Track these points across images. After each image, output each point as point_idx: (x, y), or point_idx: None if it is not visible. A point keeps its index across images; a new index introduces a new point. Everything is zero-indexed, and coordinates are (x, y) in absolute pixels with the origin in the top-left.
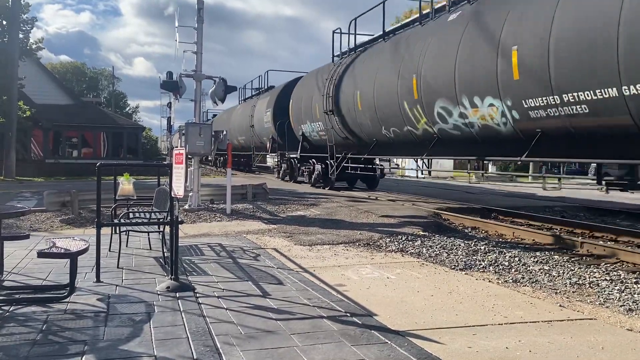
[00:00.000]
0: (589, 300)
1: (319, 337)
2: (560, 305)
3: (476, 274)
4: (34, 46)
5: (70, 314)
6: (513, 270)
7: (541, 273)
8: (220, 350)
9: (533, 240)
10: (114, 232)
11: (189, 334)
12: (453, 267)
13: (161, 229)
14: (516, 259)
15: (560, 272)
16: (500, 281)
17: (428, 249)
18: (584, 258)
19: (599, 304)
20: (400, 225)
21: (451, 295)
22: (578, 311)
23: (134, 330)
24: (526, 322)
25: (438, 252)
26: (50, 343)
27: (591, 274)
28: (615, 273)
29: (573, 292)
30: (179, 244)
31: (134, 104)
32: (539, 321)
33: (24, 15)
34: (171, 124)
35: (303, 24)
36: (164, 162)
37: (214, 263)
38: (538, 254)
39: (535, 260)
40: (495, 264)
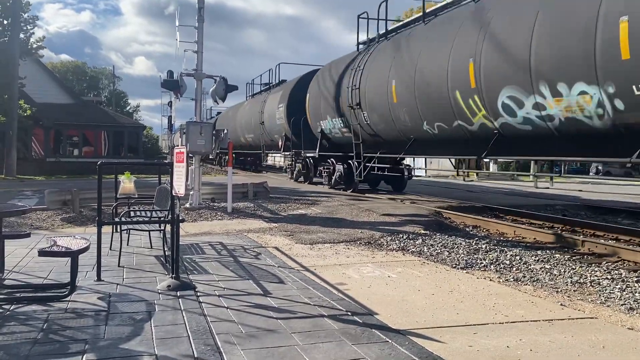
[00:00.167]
0: (590, 299)
1: (320, 336)
2: (561, 304)
3: (477, 273)
4: (35, 45)
5: (71, 313)
6: (514, 269)
7: (542, 272)
8: (221, 349)
9: (534, 238)
10: (114, 231)
11: (189, 333)
12: (454, 266)
13: (162, 228)
14: (517, 257)
15: (562, 271)
16: (501, 280)
17: (429, 248)
18: (585, 257)
19: (600, 303)
20: (401, 223)
21: (452, 294)
22: (579, 310)
23: (134, 329)
24: (527, 321)
25: (439, 251)
26: (51, 342)
27: (592, 272)
28: (616, 272)
29: (574, 291)
30: (180, 243)
31: (134, 103)
32: (540, 320)
33: (25, 15)
34: (172, 122)
35: (304, 23)
36: (165, 161)
37: (215, 262)
38: (539, 252)
39: (537, 259)
40: (497, 263)
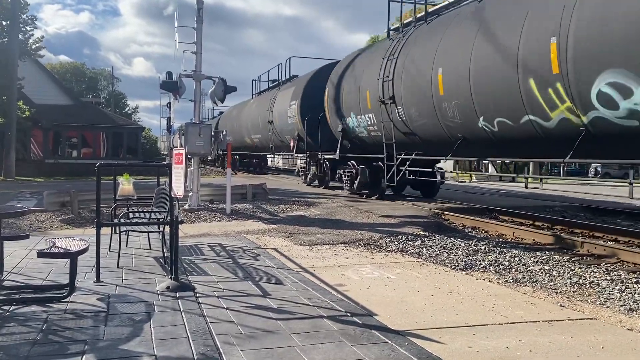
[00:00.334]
0: (589, 300)
1: (319, 337)
2: (560, 305)
3: (476, 274)
4: (34, 46)
5: (70, 314)
6: (513, 270)
7: (541, 273)
8: (221, 349)
9: (533, 240)
10: (113, 232)
11: (189, 334)
12: (453, 267)
13: (161, 229)
14: (516, 258)
15: (561, 272)
16: (500, 281)
17: (428, 249)
18: (585, 258)
19: (600, 304)
20: (400, 225)
21: (451, 295)
22: (578, 311)
23: (134, 330)
24: (526, 322)
25: (438, 252)
26: (50, 343)
27: (592, 273)
28: (615, 273)
29: (573, 292)
30: (179, 244)
31: (133, 104)
32: (539, 321)
33: (24, 16)
34: (171, 124)
35: (303, 24)
36: (164, 162)
37: (214, 263)
38: (538, 253)
39: (536, 260)
40: (496, 264)
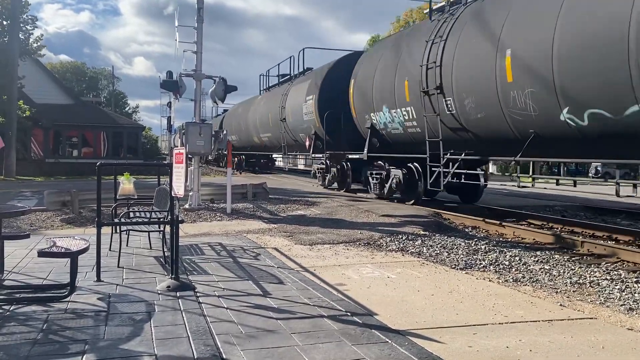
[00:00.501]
0: (589, 300)
1: (320, 337)
2: (560, 305)
3: (477, 274)
4: (34, 45)
5: (71, 313)
6: (513, 269)
7: (542, 272)
8: (221, 349)
9: (533, 239)
10: (114, 232)
11: (189, 333)
12: (453, 267)
13: (161, 229)
14: (517, 258)
15: (561, 272)
16: (500, 280)
17: (428, 249)
18: (585, 257)
19: (600, 304)
20: (400, 224)
21: (452, 294)
22: (579, 310)
23: (134, 330)
24: (527, 322)
25: (438, 252)
26: (50, 342)
27: (592, 273)
28: (615, 272)
29: (574, 292)
30: (179, 244)
31: (133, 103)
32: (539, 320)
33: (24, 15)
34: (171, 123)
35: (303, 24)
36: (164, 162)
37: (215, 262)
38: (538, 253)
39: (536, 259)
40: (496, 264)
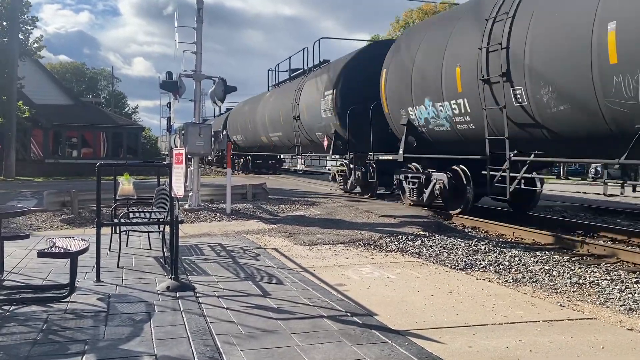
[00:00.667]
0: (589, 300)
1: (319, 337)
2: (560, 305)
3: (476, 274)
4: (34, 46)
5: (71, 314)
6: (513, 270)
7: (541, 273)
8: (221, 349)
9: (533, 240)
10: (114, 232)
11: (189, 334)
12: (453, 267)
13: (161, 229)
14: (516, 258)
15: (561, 272)
16: (500, 281)
17: (428, 249)
18: (584, 258)
19: (600, 304)
20: (400, 225)
21: (451, 294)
22: (578, 311)
23: (134, 330)
24: (527, 322)
25: (438, 252)
26: (50, 342)
27: (591, 273)
28: (615, 273)
29: (573, 292)
30: (179, 244)
31: (133, 104)
32: (539, 321)
33: (24, 16)
34: (171, 124)
35: (303, 24)
36: (164, 162)
37: (214, 263)
38: (538, 253)
39: (536, 260)
40: (496, 264)
